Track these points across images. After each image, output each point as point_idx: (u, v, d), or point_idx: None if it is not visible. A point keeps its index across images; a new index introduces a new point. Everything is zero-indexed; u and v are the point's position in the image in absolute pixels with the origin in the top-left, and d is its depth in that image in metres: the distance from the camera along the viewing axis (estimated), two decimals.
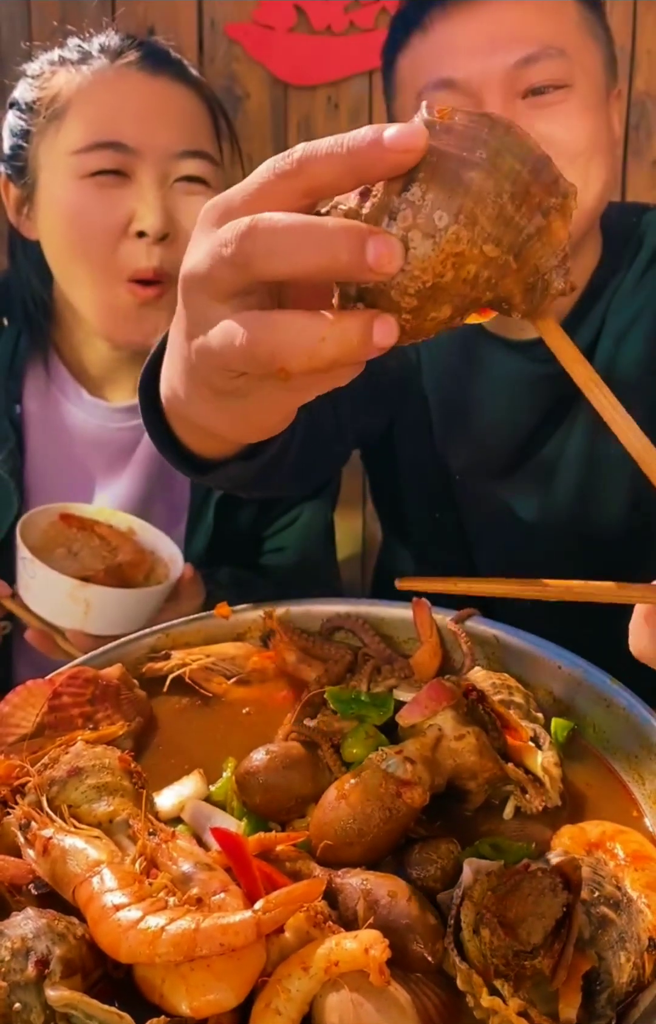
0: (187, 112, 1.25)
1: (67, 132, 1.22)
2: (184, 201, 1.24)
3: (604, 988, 0.65)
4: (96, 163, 1.20)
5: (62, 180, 1.23)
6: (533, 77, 1.10)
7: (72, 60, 1.25)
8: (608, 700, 0.88)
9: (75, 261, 1.26)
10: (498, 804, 0.81)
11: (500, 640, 0.97)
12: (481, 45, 1.11)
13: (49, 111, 1.23)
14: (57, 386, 1.37)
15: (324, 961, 0.63)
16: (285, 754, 0.79)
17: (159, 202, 1.21)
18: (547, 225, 0.55)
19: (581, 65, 1.13)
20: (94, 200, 1.21)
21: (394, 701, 0.88)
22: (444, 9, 1.14)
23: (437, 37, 1.15)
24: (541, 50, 1.10)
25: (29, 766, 0.81)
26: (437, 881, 0.72)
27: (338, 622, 1.02)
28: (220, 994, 0.63)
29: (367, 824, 0.72)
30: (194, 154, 1.24)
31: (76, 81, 1.23)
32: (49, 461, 1.37)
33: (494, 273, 0.54)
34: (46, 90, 1.25)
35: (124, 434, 1.36)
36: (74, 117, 1.22)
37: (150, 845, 0.71)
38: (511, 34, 1.11)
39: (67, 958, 0.64)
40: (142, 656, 1.01)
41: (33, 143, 1.25)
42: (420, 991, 0.65)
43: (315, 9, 2.40)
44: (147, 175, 1.21)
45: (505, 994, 0.63)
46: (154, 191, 1.21)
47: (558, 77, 1.11)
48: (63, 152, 1.22)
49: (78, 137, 1.21)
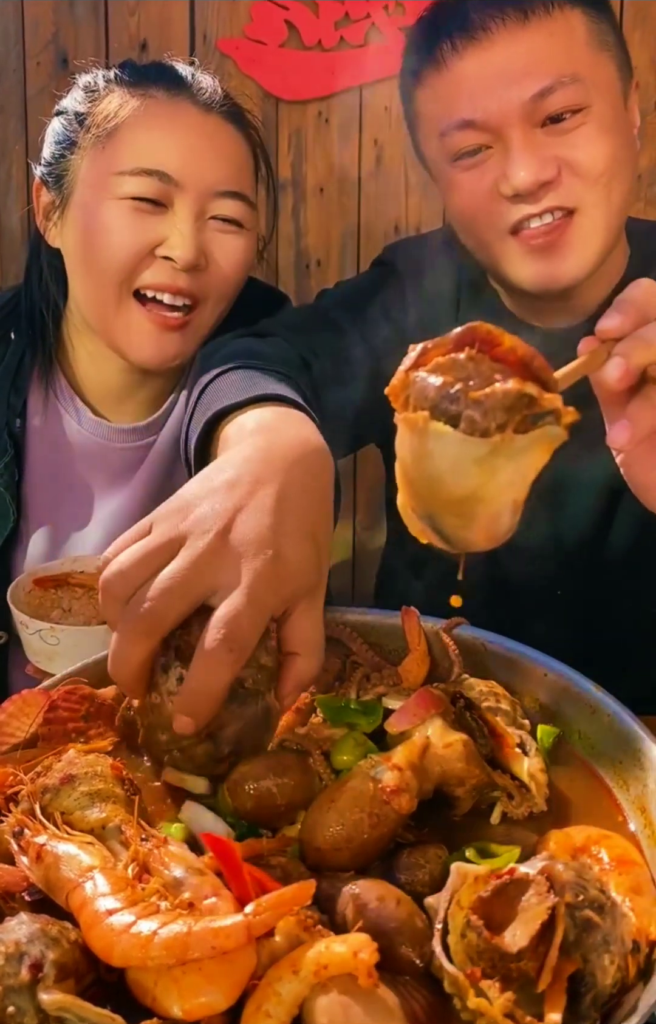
0: (233, 153, 1.27)
1: (114, 152, 1.23)
2: (217, 238, 1.25)
3: (589, 990, 0.66)
4: (137, 188, 1.21)
5: (99, 197, 1.23)
6: (550, 107, 1.13)
7: (129, 82, 1.27)
8: (593, 707, 0.89)
9: (91, 276, 1.27)
10: (485, 809, 0.83)
11: (487, 648, 0.98)
12: (496, 82, 1.13)
13: (100, 128, 1.24)
14: (60, 403, 1.37)
15: (313, 964, 0.64)
16: (275, 761, 0.80)
17: (193, 234, 1.22)
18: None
19: (595, 83, 1.15)
20: (126, 222, 1.22)
21: (383, 709, 0.89)
22: (453, 46, 1.16)
23: (452, 74, 1.17)
24: (555, 81, 1.12)
25: (22, 774, 0.82)
26: (425, 885, 0.73)
27: (328, 631, 1.03)
28: (211, 997, 0.64)
29: (356, 830, 0.73)
30: (234, 195, 1.25)
31: (131, 105, 1.24)
32: (48, 477, 1.37)
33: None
34: (100, 106, 1.26)
35: (127, 454, 1.37)
36: (124, 139, 1.23)
37: (142, 850, 0.72)
38: (524, 68, 1.13)
39: (60, 962, 0.65)
40: None
41: (77, 155, 1.26)
42: (408, 993, 0.66)
43: (306, 25, 2.43)
44: (184, 207, 1.22)
45: (491, 996, 0.64)
46: (189, 223, 1.22)
47: (574, 103, 1.13)
48: (106, 171, 1.23)
49: (124, 159, 1.22)
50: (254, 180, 1.31)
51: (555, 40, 1.14)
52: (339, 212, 2.53)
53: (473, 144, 1.17)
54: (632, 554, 1.30)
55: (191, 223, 1.22)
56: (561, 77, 1.12)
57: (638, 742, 0.84)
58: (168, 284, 1.23)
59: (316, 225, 2.52)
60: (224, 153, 1.25)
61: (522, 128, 1.14)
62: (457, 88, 1.17)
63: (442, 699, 0.81)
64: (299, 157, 2.47)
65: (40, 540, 1.36)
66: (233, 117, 1.28)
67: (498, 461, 0.67)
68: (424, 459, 0.68)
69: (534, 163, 1.13)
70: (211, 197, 1.23)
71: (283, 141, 2.47)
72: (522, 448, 0.67)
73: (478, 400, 0.66)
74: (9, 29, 2.46)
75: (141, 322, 1.25)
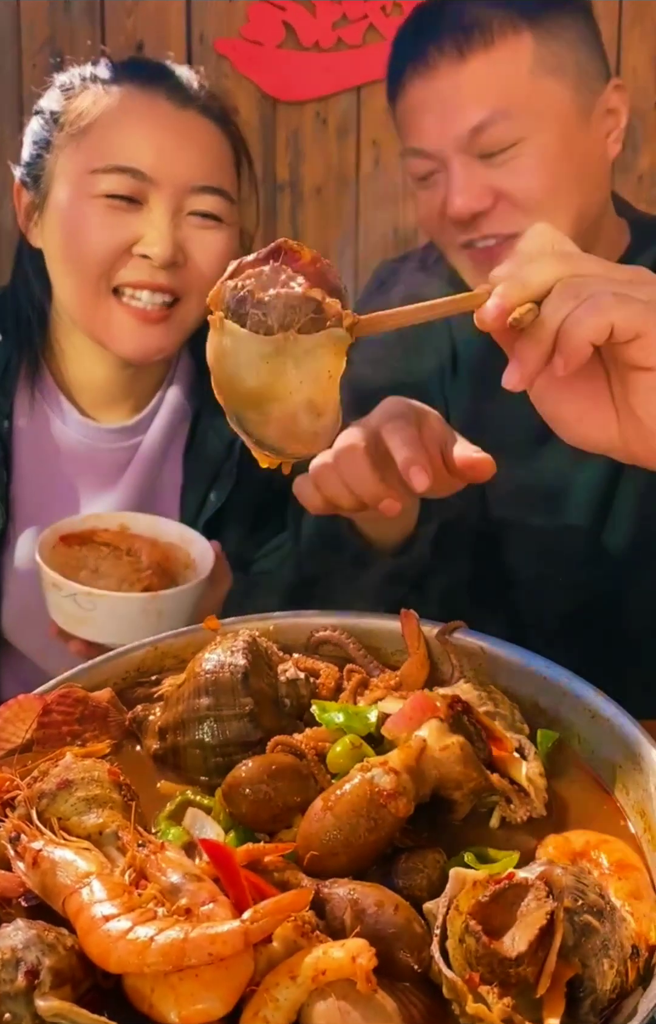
0: (210, 147, 1.26)
1: (88, 149, 1.23)
2: (195, 234, 1.24)
3: (588, 995, 0.65)
4: (111, 185, 1.21)
5: (74, 195, 1.23)
6: (484, 142, 1.17)
7: (104, 79, 1.26)
8: (593, 711, 0.89)
9: (70, 274, 1.27)
10: (484, 814, 0.82)
11: (486, 652, 0.98)
12: (437, 114, 1.19)
13: (73, 127, 1.24)
14: (47, 404, 1.37)
15: (311, 970, 0.64)
16: (271, 765, 0.80)
17: (169, 231, 1.22)
18: None
19: (537, 112, 1.17)
20: (101, 219, 1.22)
21: (380, 713, 0.89)
22: (406, 75, 1.21)
23: (407, 101, 1.23)
24: (488, 117, 1.16)
25: (19, 779, 0.82)
26: (423, 890, 0.73)
27: (324, 635, 1.03)
28: (209, 1003, 0.64)
29: (353, 834, 0.73)
30: (211, 190, 1.25)
31: (104, 101, 1.24)
32: (36, 477, 1.37)
33: None
34: (73, 104, 1.26)
35: (114, 454, 1.36)
36: (97, 136, 1.23)
37: (139, 856, 0.72)
38: (460, 102, 1.17)
39: (57, 968, 0.65)
40: (132, 671, 1.01)
41: (53, 154, 1.26)
42: (406, 999, 0.66)
43: (303, 25, 2.43)
44: (160, 204, 1.22)
45: (490, 1002, 0.64)
46: (165, 220, 1.22)
47: (508, 138, 1.17)
48: (80, 168, 1.23)
49: (97, 156, 1.22)
50: (234, 175, 1.30)
51: (494, 73, 1.17)
52: (337, 213, 2.53)
53: (424, 170, 1.23)
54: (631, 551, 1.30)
55: (167, 220, 1.22)
56: (494, 113, 1.16)
57: (638, 746, 0.84)
58: (147, 281, 1.23)
59: (314, 226, 2.52)
60: (200, 148, 1.25)
61: (460, 159, 1.19)
62: (410, 114, 1.23)
63: (438, 703, 0.81)
64: (297, 158, 2.47)
65: (27, 542, 1.36)
66: (211, 112, 1.27)
67: (285, 360, 0.75)
68: (223, 357, 0.77)
69: (469, 194, 1.18)
70: (187, 193, 1.23)
71: (281, 142, 2.47)
72: (308, 349, 0.75)
73: (263, 301, 0.74)
74: (5, 30, 2.46)
75: (122, 317, 1.25)
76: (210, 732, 0.86)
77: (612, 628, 1.32)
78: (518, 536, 1.35)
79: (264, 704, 0.89)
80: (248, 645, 0.91)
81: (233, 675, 0.88)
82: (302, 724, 0.90)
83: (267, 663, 0.93)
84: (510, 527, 1.35)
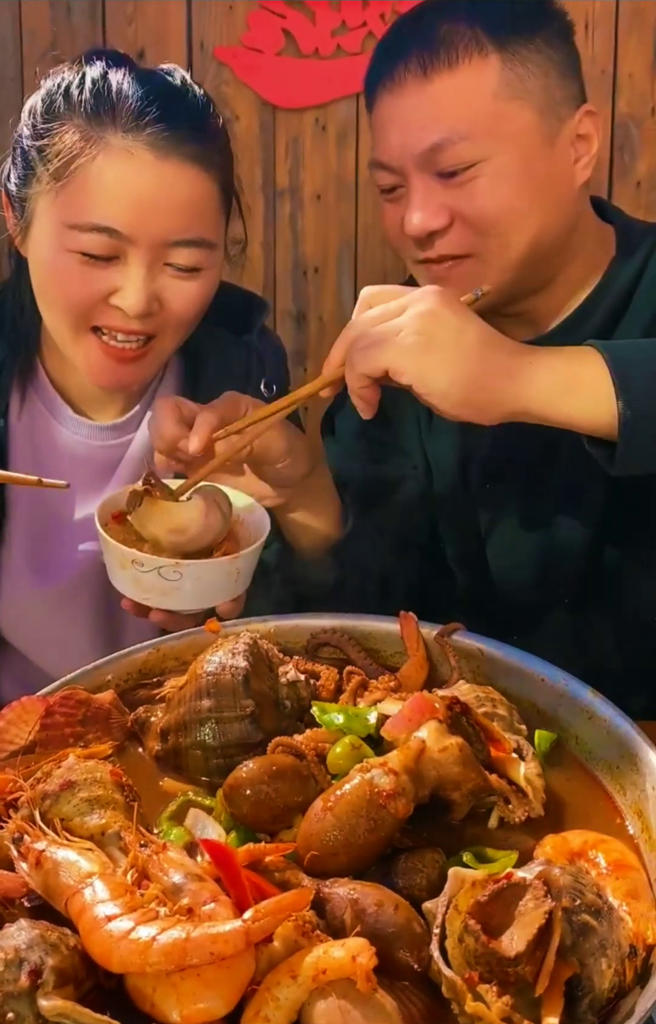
0: (191, 198, 1.21)
1: (67, 202, 1.19)
2: (172, 283, 1.21)
3: (586, 994, 0.66)
4: (86, 244, 1.17)
5: (52, 245, 1.21)
6: (442, 162, 1.17)
7: (85, 116, 1.19)
8: (590, 712, 0.90)
9: (48, 313, 1.27)
10: (483, 814, 0.83)
11: (485, 653, 0.99)
12: (398, 131, 1.19)
13: (55, 170, 1.20)
14: (42, 401, 1.38)
15: (312, 969, 0.64)
16: (272, 766, 0.81)
17: (144, 284, 1.19)
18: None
19: (496, 136, 1.16)
20: (77, 274, 1.19)
21: (379, 714, 0.89)
22: (378, 89, 1.21)
23: (378, 114, 1.23)
24: (446, 138, 1.15)
25: (22, 780, 0.82)
26: (423, 890, 0.74)
27: (324, 638, 1.03)
28: (210, 1002, 0.64)
29: (353, 835, 0.74)
30: (189, 243, 1.21)
31: (86, 152, 1.18)
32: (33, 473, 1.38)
33: None
34: (55, 141, 1.20)
35: (107, 451, 1.37)
36: (77, 191, 1.19)
37: (141, 857, 0.73)
38: (421, 121, 1.17)
39: (60, 968, 0.65)
40: (134, 673, 1.02)
41: (36, 189, 1.22)
42: (406, 998, 0.66)
43: (303, 33, 2.44)
44: (136, 258, 1.18)
45: (489, 1000, 0.65)
46: (140, 274, 1.19)
47: (465, 159, 1.16)
48: (59, 220, 1.19)
49: (74, 212, 1.18)
50: (219, 216, 1.27)
51: (456, 94, 1.16)
52: (337, 219, 2.54)
53: (388, 184, 1.23)
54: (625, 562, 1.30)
55: (143, 274, 1.19)
56: (453, 134, 1.15)
57: (635, 747, 0.84)
58: (121, 327, 1.23)
59: (314, 232, 2.53)
60: (180, 201, 1.20)
61: (419, 176, 1.19)
62: (378, 128, 1.23)
63: (437, 704, 0.81)
64: (296, 164, 2.48)
65: (23, 539, 1.36)
66: (196, 156, 1.21)
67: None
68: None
69: (425, 212, 1.18)
70: (165, 248, 1.20)
71: (281, 148, 2.48)
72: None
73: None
74: (7, 37, 2.47)
75: (99, 355, 1.25)
76: (211, 733, 0.87)
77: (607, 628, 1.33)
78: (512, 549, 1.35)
79: (265, 706, 0.89)
80: (249, 647, 0.92)
81: (234, 677, 0.88)
82: (302, 725, 0.91)
83: (268, 665, 0.94)
84: (506, 535, 1.36)
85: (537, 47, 1.19)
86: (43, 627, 1.38)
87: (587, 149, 1.24)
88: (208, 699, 0.88)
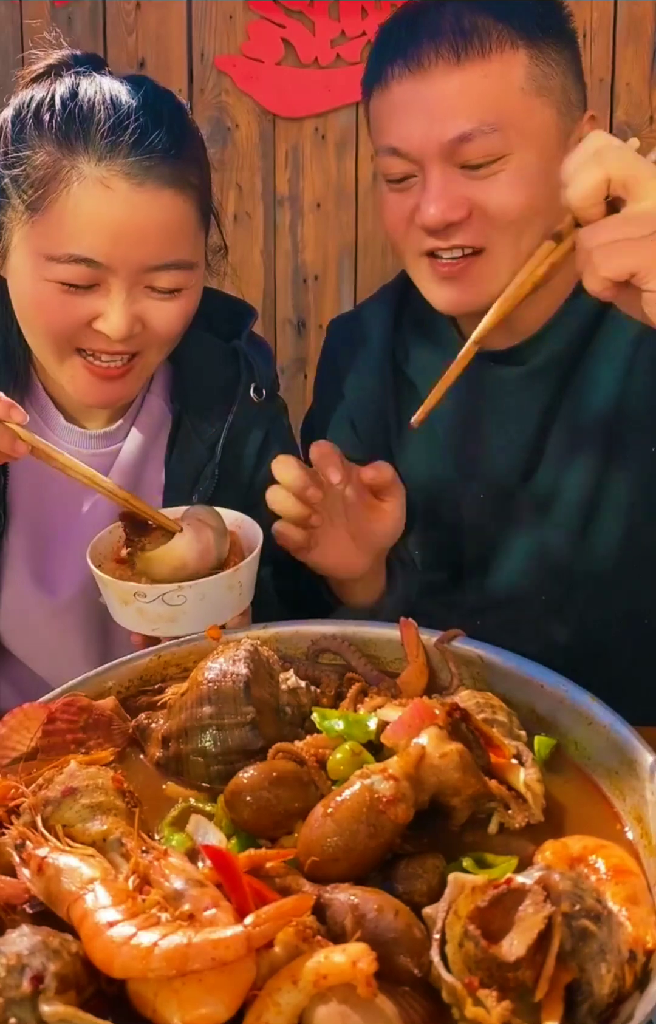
0: (170, 222, 1.20)
1: (41, 232, 1.18)
2: (154, 305, 1.21)
3: (585, 999, 0.66)
4: (64, 275, 1.17)
5: (30, 274, 1.20)
6: (468, 153, 1.15)
7: (57, 137, 1.17)
8: (589, 718, 0.90)
9: (32, 336, 1.28)
10: (482, 820, 0.83)
11: (484, 660, 0.99)
12: (423, 117, 1.16)
13: (28, 200, 1.18)
14: (35, 408, 1.38)
15: (313, 974, 0.65)
16: (272, 772, 0.81)
17: (124, 309, 1.19)
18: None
19: (523, 130, 1.15)
20: (57, 303, 1.19)
21: (380, 720, 0.89)
22: (394, 72, 1.18)
23: (391, 97, 1.19)
24: (475, 128, 1.13)
25: (24, 786, 0.83)
26: (423, 895, 0.74)
27: (324, 644, 1.04)
28: (212, 1008, 0.64)
29: (353, 840, 0.74)
30: (169, 266, 1.21)
31: (57, 176, 1.17)
32: (30, 481, 1.38)
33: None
34: (29, 159, 1.19)
35: (97, 459, 1.37)
36: (51, 220, 1.17)
37: (143, 863, 0.73)
38: (449, 108, 1.14)
39: (61, 974, 0.65)
40: (135, 679, 1.02)
41: (9, 215, 1.21)
42: (406, 1003, 0.66)
43: (303, 43, 2.46)
44: (117, 286, 1.18)
45: (489, 1005, 0.65)
46: (121, 299, 1.19)
47: (492, 152, 1.15)
48: (35, 249, 1.19)
49: (51, 244, 1.17)
50: (199, 233, 1.26)
51: (487, 84, 1.14)
52: (337, 227, 2.55)
53: (400, 172, 1.20)
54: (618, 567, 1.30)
55: (123, 299, 1.18)
56: (482, 125, 1.14)
57: (634, 752, 0.85)
58: (105, 348, 1.23)
59: (313, 240, 2.54)
60: (158, 227, 1.19)
61: (440, 166, 1.16)
62: (392, 113, 1.19)
63: (437, 710, 0.82)
64: (296, 173, 2.49)
65: (25, 543, 1.37)
66: (172, 179, 1.19)
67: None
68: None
69: (444, 202, 1.16)
70: (145, 272, 1.19)
71: (280, 157, 2.49)
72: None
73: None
74: (8, 48, 2.49)
75: (84, 374, 1.26)
76: (213, 740, 0.87)
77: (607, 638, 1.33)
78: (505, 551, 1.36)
79: (266, 712, 0.90)
80: (250, 654, 0.92)
81: (235, 684, 0.89)
82: (303, 732, 0.91)
83: (269, 672, 0.94)
84: (492, 544, 1.36)
85: (559, 47, 1.19)
86: (42, 636, 1.38)
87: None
88: (209, 706, 0.88)
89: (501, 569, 1.35)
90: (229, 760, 0.87)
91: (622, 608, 1.32)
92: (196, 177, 1.24)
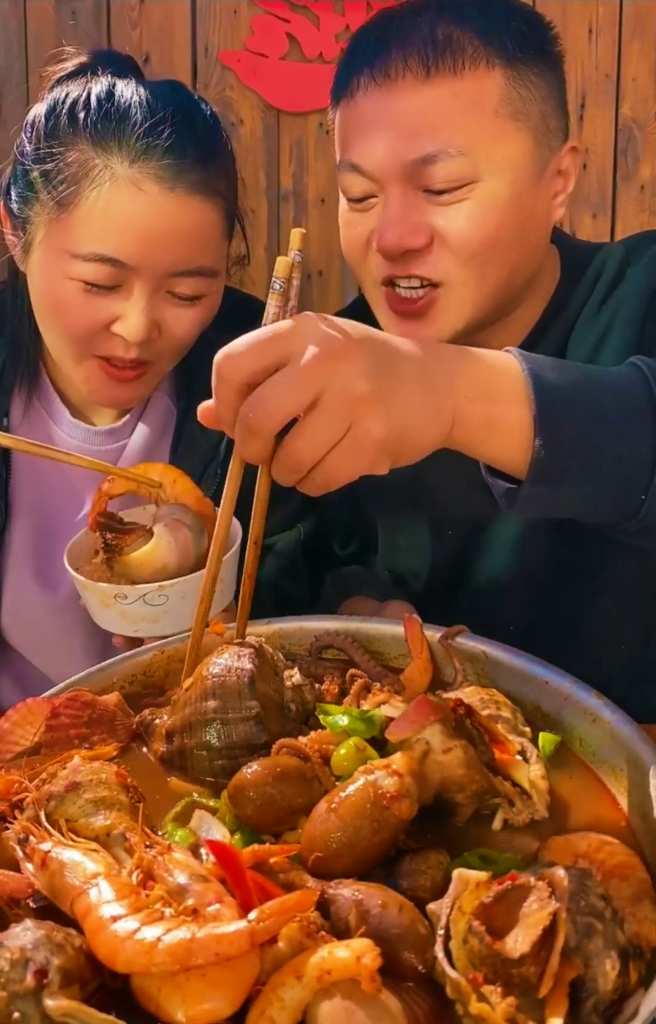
0: (197, 228, 1.20)
1: (70, 229, 1.18)
2: (173, 311, 1.21)
3: (590, 996, 0.66)
4: (90, 274, 1.17)
5: (53, 272, 1.20)
6: (431, 176, 1.07)
7: (92, 137, 1.17)
8: (594, 715, 0.90)
9: (49, 334, 1.28)
10: (487, 816, 0.83)
11: (489, 656, 0.99)
12: (386, 134, 1.08)
13: (58, 196, 1.18)
14: (42, 403, 1.39)
15: (317, 970, 0.64)
16: (276, 768, 0.81)
17: (145, 312, 1.19)
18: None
19: (491, 158, 1.07)
20: (79, 302, 1.19)
21: (384, 716, 0.89)
22: (361, 82, 1.10)
23: (356, 110, 1.11)
24: (440, 150, 1.06)
25: (27, 781, 0.83)
26: (427, 891, 0.74)
27: (328, 640, 1.04)
28: (215, 1003, 0.64)
29: (356, 836, 0.74)
30: (193, 272, 1.21)
31: (91, 177, 1.17)
32: (33, 476, 1.39)
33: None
34: (62, 157, 1.18)
35: (102, 456, 1.37)
36: (80, 219, 1.17)
37: (146, 857, 0.73)
38: (414, 126, 1.06)
39: (65, 968, 0.65)
40: (139, 673, 1.02)
41: (37, 210, 1.22)
42: (410, 999, 0.66)
43: (307, 37, 2.45)
44: (140, 288, 1.18)
45: (493, 1002, 0.65)
46: (142, 302, 1.19)
47: (458, 177, 1.07)
48: (61, 247, 1.19)
49: (78, 242, 1.17)
50: (223, 242, 1.26)
51: (456, 104, 1.06)
52: None
53: (360, 191, 1.13)
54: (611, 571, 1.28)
55: (144, 302, 1.18)
56: (448, 147, 1.06)
57: (638, 749, 0.84)
58: (120, 356, 1.23)
59: (317, 236, 2.53)
60: (185, 233, 1.19)
61: (401, 187, 1.08)
62: (355, 127, 1.12)
63: (441, 706, 0.81)
64: (300, 168, 2.49)
65: (26, 539, 1.37)
66: (202, 185, 1.19)
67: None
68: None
69: (403, 227, 1.08)
70: (168, 277, 1.19)
71: (284, 152, 2.48)
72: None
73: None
74: (12, 43, 2.48)
75: (100, 375, 1.26)
76: (216, 735, 0.87)
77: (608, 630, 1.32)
78: None
79: (270, 708, 0.90)
80: (254, 650, 0.92)
81: (240, 679, 0.89)
82: (307, 728, 0.91)
83: (273, 668, 0.94)
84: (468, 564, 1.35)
85: (539, 71, 1.11)
86: (44, 631, 1.38)
87: (564, 185, 1.17)
88: (213, 700, 0.88)
89: (484, 560, 1.34)
90: (233, 755, 0.87)
91: (612, 602, 1.30)
92: (224, 186, 1.25)
